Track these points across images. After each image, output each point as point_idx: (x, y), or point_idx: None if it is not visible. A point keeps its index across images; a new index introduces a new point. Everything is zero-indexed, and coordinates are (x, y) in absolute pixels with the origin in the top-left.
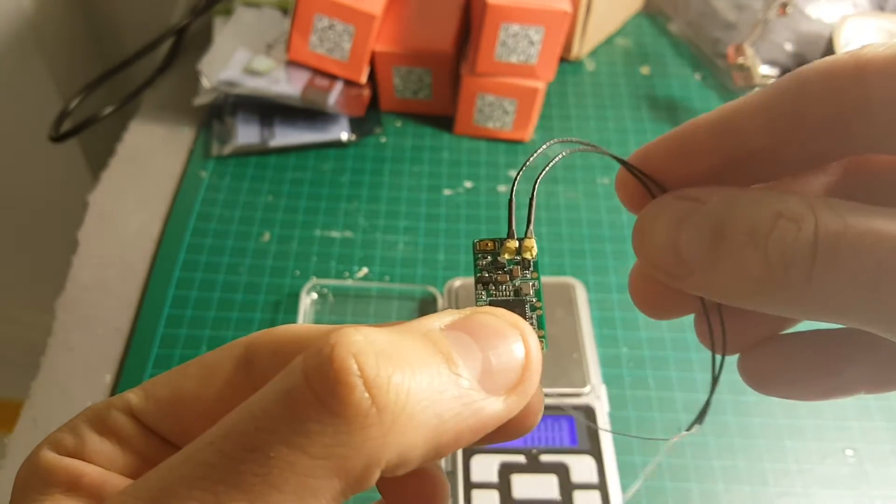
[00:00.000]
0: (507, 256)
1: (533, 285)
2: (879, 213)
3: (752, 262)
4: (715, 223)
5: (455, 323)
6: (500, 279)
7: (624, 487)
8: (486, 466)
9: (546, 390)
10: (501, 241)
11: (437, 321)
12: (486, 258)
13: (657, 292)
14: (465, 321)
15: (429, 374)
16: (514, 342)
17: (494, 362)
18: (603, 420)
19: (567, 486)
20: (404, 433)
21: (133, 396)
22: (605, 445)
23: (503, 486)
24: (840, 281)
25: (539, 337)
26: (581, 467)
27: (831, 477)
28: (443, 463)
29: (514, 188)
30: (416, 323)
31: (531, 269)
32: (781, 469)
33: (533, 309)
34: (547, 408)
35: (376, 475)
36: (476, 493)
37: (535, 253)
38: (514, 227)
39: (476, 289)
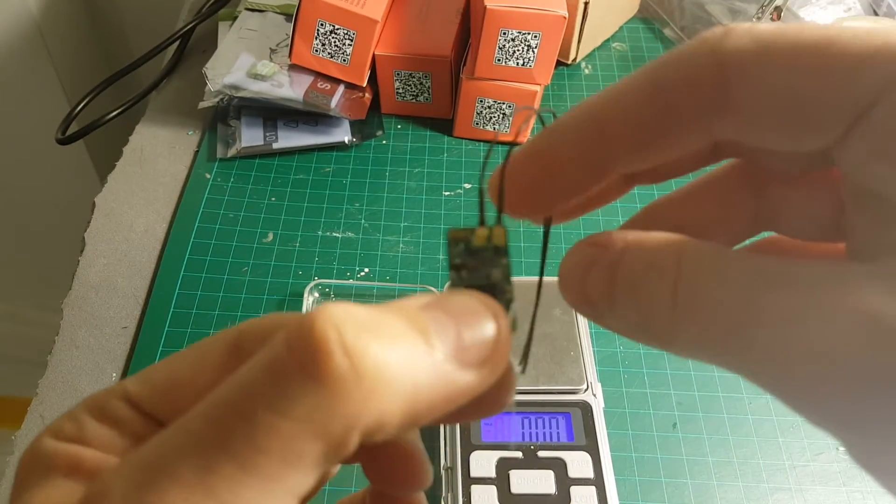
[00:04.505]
0: (478, 244)
1: (503, 271)
2: (739, 264)
3: (630, 311)
4: (609, 271)
5: (431, 303)
6: (472, 265)
7: (620, 483)
8: (484, 462)
9: (543, 388)
10: (473, 230)
11: (415, 302)
12: (459, 246)
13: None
14: (441, 300)
15: (405, 346)
16: (486, 320)
17: (467, 337)
18: (599, 417)
19: (564, 481)
20: (382, 399)
21: (130, 384)
22: (601, 441)
23: (501, 481)
24: (696, 334)
25: (505, 311)
26: (578, 463)
27: (824, 473)
28: (443, 459)
29: (483, 177)
30: (395, 302)
31: (501, 255)
32: (775, 465)
33: (503, 293)
34: (544, 405)
35: (356, 439)
36: (475, 488)
37: (504, 240)
38: (483, 215)
39: (450, 275)
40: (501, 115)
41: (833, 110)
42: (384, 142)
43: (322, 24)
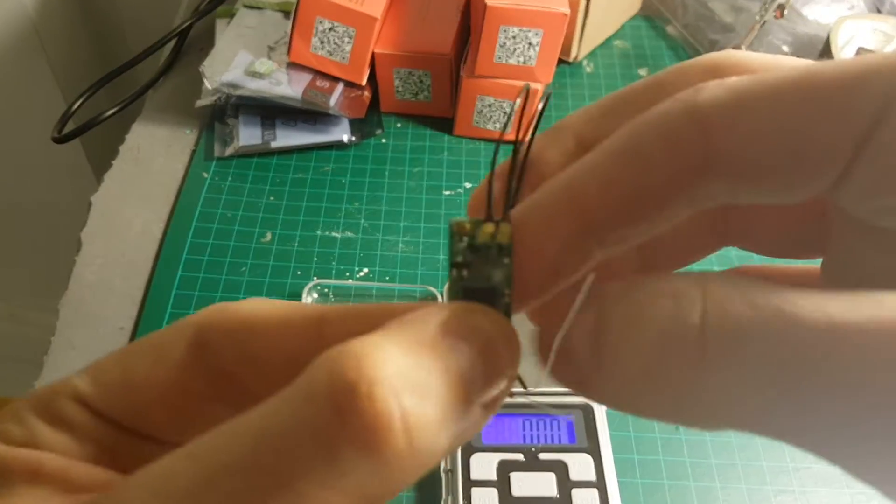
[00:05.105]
0: (482, 240)
1: (504, 273)
2: (799, 292)
3: (630, 354)
4: (596, 316)
5: (451, 328)
6: (474, 263)
7: (622, 486)
8: (485, 464)
9: (545, 390)
10: (478, 224)
11: (433, 323)
12: (462, 241)
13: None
14: (461, 327)
15: (447, 400)
16: (507, 353)
17: (491, 378)
18: (601, 419)
19: (565, 484)
20: (429, 465)
21: (80, 382)
22: (602, 443)
23: (502, 484)
24: (743, 376)
25: (517, 336)
26: (579, 465)
27: (828, 475)
28: (443, 462)
29: (494, 167)
30: (415, 331)
31: (504, 254)
32: (778, 467)
33: (501, 296)
34: (546, 406)
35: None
36: (476, 491)
37: (509, 238)
38: (491, 209)
39: (450, 273)
40: (502, 114)
41: (830, 142)
42: (384, 140)
43: (321, 22)
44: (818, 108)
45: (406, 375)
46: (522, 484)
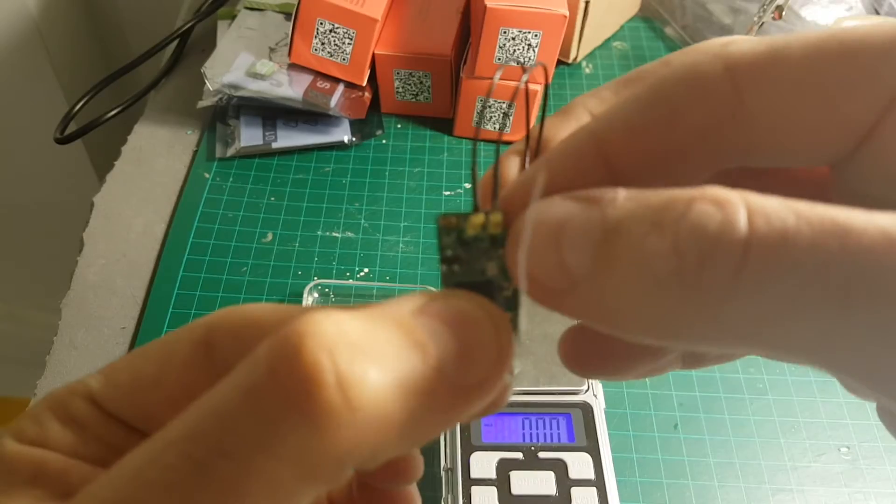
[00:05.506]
0: (472, 233)
1: (499, 264)
2: (840, 206)
3: (657, 254)
4: (608, 219)
5: (428, 309)
6: (465, 258)
7: (621, 484)
8: (485, 463)
9: (544, 388)
10: (466, 217)
11: (408, 305)
12: (451, 235)
13: (589, 347)
14: (439, 307)
15: (403, 369)
16: (489, 332)
17: (468, 354)
18: (600, 418)
19: (565, 483)
20: (378, 431)
21: (94, 382)
22: (602, 442)
23: (502, 483)
24: (789, 288)
25: (508, 320)
26: (578, 464)
27: (826, 474)
28: (443, 460)
29: (476, 155)
30: (387, 308)
31: (498, 246)
32: (776, 466)
33: (500, 289)
34: (545, 405)
35: (348, 473)
36: (475, 490)
37: (501, 228)
38: (479, 200)
39: (441, 269)
40: (502, 115)
41: (859, 104)
42: (384, 141)
43: (322, 23)
44: (848, 69)
45: (350, 336)
46: (522, 482)
